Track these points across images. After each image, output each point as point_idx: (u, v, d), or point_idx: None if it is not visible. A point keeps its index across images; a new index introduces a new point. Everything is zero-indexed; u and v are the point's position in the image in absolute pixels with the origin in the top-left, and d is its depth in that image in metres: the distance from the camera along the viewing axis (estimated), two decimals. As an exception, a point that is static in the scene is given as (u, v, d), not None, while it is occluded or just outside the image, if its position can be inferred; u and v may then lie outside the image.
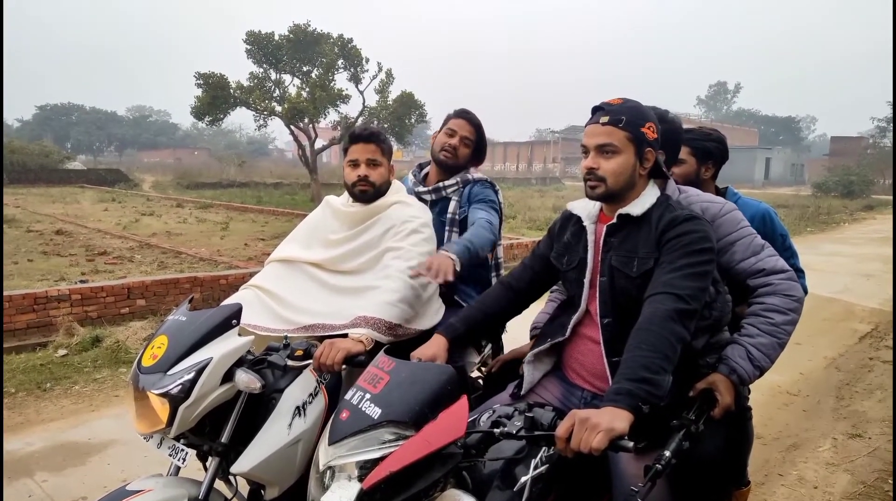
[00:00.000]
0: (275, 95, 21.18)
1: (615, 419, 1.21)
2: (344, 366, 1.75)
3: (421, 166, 2.65)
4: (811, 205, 21.82)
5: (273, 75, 21.35)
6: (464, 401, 1.26)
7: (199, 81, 19.17)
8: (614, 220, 1.63)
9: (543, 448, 1.35)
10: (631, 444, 1.17)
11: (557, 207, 18.20)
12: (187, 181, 28.11)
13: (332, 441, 1.24)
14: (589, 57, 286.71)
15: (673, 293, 1.42)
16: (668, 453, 1.25)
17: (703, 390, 1.58)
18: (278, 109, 20.36)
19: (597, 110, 1.63)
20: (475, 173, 2.56)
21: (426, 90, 23.74)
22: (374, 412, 1.24)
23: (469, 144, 2.49)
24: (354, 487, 1.18)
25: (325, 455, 1.25)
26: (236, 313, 1.74)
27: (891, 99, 36.14)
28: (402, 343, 1.95)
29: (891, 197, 30.23)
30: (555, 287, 2.07)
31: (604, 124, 1.59)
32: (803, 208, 20.28)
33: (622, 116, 1.58)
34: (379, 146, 2.17)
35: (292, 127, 20.57)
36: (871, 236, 15.20)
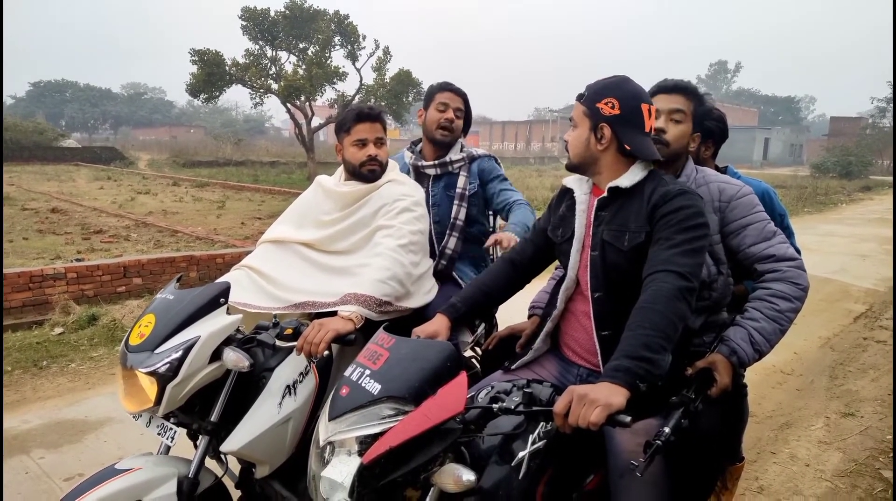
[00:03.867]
0: (271, 72, 20.97)
1: (612, 394, 1.21)
2: (333, 345, 1.74)
3: (415, 142, 2.64)
4: (809, 185, 21.81)
5: (269, 52, 21.12)
6: (463, 377, 1.26)
7: (194, 58, 18.97)
8: (605, 193, 1.62)
9: (541, 424, 1.35)
10: (628, 419, 1.18)
11: (556, 186, 18.07)
12: (183, 160, 27.92)
13: (332, 417, 1.25)
14: (589, 36, 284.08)
15: (675, 271, 1.41)
16: (667, 429, 1.25)
17: (702, 369, 1.58)
18: (274, 86, 20.17)
19: None
20: (477, 149, 2.57)
21: (423, 67, 23.54)
22: (374, 388, 1.24)
23: (461, 115, 2.49)
24: (354, 462, 1.18)
25: (325, 430, 1.25)
26: (224, 291, 1.73)
27: (890, 79, 35.92)
28: (402, 321, 1.95)
29: (889, 178, 30.28)
30: (558, 264, 2.07)
31: (576, 100, 1.67)
32: (801, 189, 20.29)
33: (586, 91, 1.64)
34: (384, 125, 2.20)
35: (289, 105, 20.39)
36: (868, 216, 15.24)
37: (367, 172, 2.14)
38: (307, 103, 20.63)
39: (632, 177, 1.60)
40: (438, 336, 1.70)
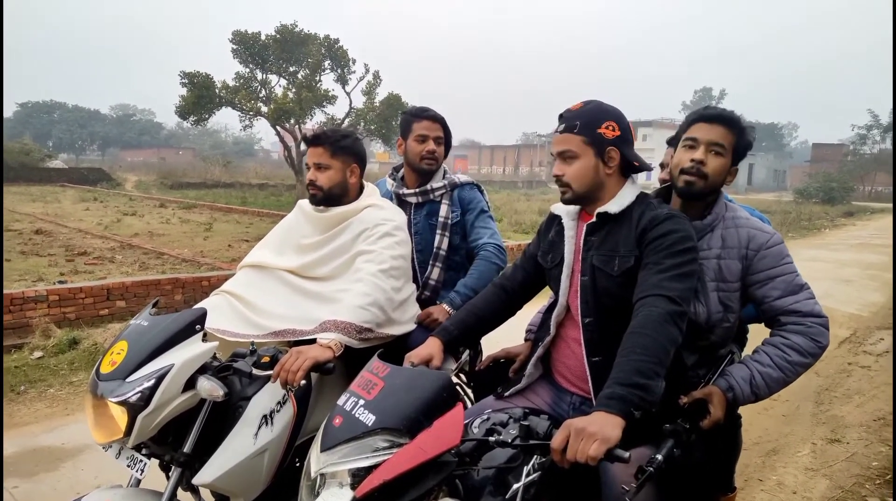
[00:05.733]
0: (261, 95, 21.09)
1: (608, 426, 1.20)
2: (312, 374, 1.70)
3: (396, 169, 2.61)
4: (793, 211, 22.16)
5: (259, 75, 21.28)
6: (459, 409, 1.24)
7: (184, 80, 19.03)
8: (593, 219, 1.63)
9: (535, 456, 1.34)
10: (627, 455, 1.17)
11: (543, 210, 18.24)
12: (171, 181, 27.80)
13: (325, 448, 1.22)
14: (577, 62, 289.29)
15: (665, 296, 1.41)
16: (659, 457, 1.25)
17: (697, 399, 1.58)
18: (264, 109, 20.27)
19: (559, 118, 1.65)
20: (460, 176, 2.55)
21: (413, 92, 23.82)
22: (368, 418, 1.22)
23: (441, 142, 2.46)
24: (346, 495, 1.16)
25: (317, 461, 1.23)
26: (200, 317, 1.69)
27: (870, 107, 36.91)
28: (395, 349, 1.92)
29: (871, 204, 30.79)
30: None
31: (561, 132, 1.62)
32: (785, 214, 20.60)
33: (577, 121, 1.59)
34: (327, 149, 2.07)
35: (278, 128, 20.48)
36: (851, 242, 15.46)
37: (310, 197, 2.14)
38: (297, 126, 20.72)
39: (620, 201, 1.60)
40: (432, 359, 1.68)
